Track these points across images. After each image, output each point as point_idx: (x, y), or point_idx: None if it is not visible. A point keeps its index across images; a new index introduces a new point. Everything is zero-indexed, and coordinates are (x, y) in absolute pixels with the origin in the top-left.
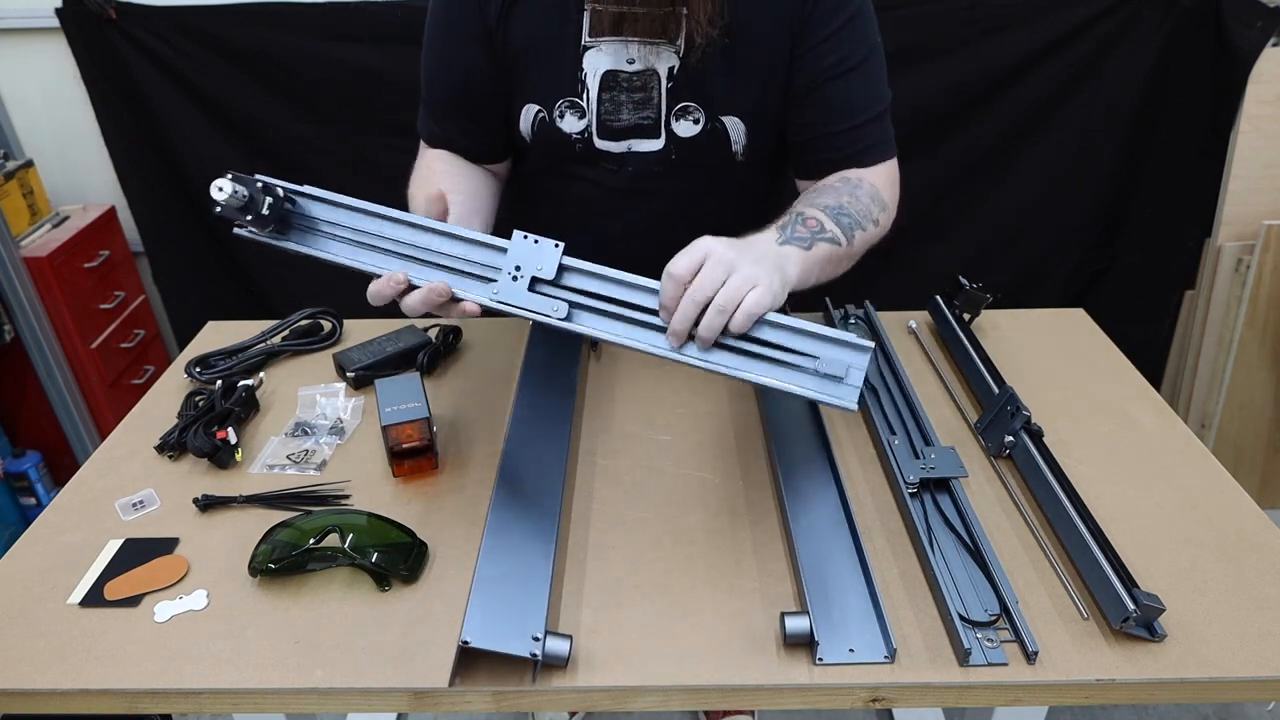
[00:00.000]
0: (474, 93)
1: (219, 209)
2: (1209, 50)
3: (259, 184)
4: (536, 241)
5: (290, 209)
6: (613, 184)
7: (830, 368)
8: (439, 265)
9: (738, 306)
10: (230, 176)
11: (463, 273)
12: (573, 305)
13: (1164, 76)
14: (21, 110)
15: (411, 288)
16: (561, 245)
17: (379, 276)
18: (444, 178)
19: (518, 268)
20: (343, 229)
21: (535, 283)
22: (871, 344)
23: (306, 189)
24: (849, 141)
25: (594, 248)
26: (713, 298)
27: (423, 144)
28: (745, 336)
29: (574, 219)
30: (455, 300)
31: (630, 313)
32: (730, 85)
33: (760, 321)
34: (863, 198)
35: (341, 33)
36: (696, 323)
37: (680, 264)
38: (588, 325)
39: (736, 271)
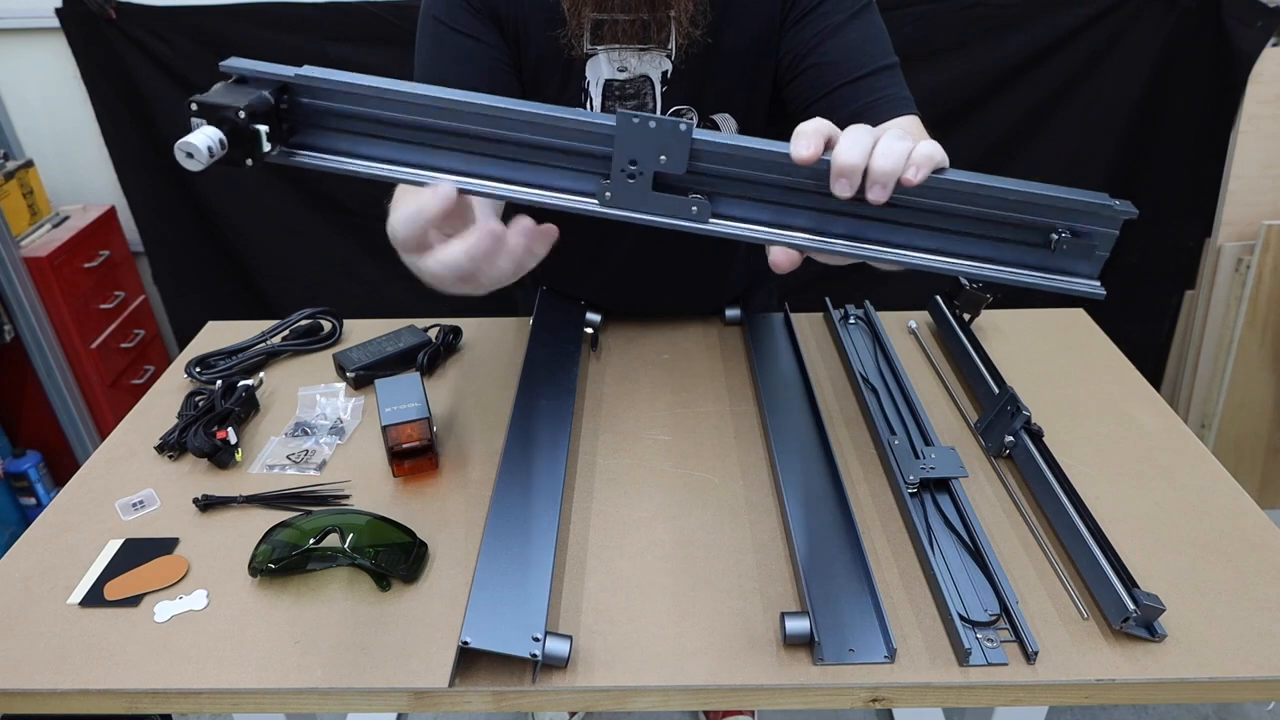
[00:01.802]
0: (489, 81)
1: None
2: (1209, 50)
3: (237, 115)
4: (653, 124)
5: (290, 114)
6: None
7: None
8: (508, 159)
9: (910, 152)
10: (195, 105)
11: (546, 169)
12: (711, 198)
13: (1164, 76)
14: (21, 110)
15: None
16: (691, 123)
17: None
18: None
19: (633, 162)
20: (368, 124)
21: (659, 180)
22: (1122, 205)
23: (310, 73)
24: (860, 92)
25: (596, 258)
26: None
27: None
28: (935, 211)
29: (576, 230)
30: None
31: (780, 194)
32: (721, 83)
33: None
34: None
35: (341, 33)
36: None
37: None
38: (730, 225)
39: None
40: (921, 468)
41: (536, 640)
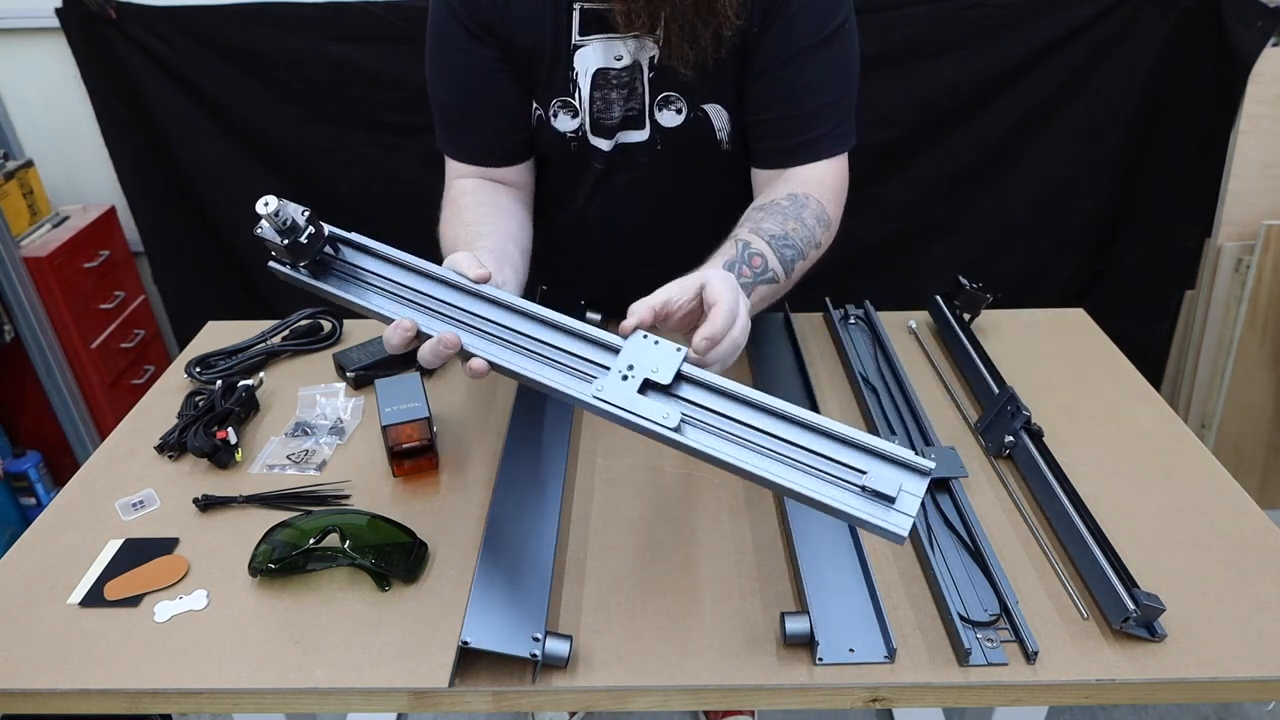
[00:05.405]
0: (489, 90)
1: (259, 229)
2: (1209, 50)
3: (305, 213)
4: (657, 342)
5: (332, 255)
6: (605, 179)
7: (878, 484)
8: (528, 351)
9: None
10: (277, 197)
11: (557, 364)
12: (684, 417)
13: (1164, 77)
14: (21, 110)
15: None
16: (683, 350)
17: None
18: (472, 214)
19: (631, 367)
20: (391, 284)
21: (647, 386)
22: (931, 464)
23: (355, 236)
24: (800, 127)
25: (592, 259)
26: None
27: (449, 171)
28: (778, 438)
29: (568, 216)
30: (465, 355)
31: (743, 431)
32: (709, 72)
33: (795, 423)
34: (808, 220)
35: (341, 33)
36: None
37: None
38: (694, 440)
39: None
40: None
41: (536, 640)
